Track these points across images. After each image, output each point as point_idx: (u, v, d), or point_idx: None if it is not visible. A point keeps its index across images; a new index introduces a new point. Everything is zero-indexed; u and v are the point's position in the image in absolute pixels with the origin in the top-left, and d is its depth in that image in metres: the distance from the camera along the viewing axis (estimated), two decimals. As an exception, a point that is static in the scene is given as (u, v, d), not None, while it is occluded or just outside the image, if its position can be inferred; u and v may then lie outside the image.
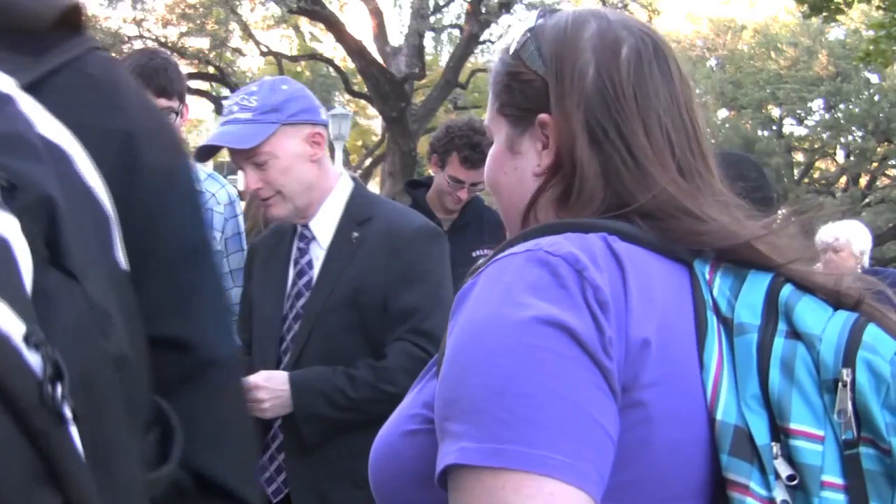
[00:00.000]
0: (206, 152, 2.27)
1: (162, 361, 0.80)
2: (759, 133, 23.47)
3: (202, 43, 17.45)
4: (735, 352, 0.83)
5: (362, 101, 21.16)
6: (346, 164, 18.46)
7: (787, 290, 0.85)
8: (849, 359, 0.79)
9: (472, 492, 0.75)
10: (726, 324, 0.84)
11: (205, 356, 0.85)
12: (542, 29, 0.99)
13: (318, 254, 2.23)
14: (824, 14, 11.41)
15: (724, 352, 0.83)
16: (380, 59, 14.83)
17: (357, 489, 1.91)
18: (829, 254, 4.40)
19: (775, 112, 23.90)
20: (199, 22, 16.56)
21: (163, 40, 16.69)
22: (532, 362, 0.76)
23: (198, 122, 26.29)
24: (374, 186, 21.30)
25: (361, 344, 2.11)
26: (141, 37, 16.59)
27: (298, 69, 21.64)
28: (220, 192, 2.91)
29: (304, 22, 18.43)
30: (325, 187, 2.23)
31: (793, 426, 0.78)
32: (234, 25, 16.99)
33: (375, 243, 2.16)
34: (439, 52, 21.46)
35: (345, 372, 2.07)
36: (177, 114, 2.71)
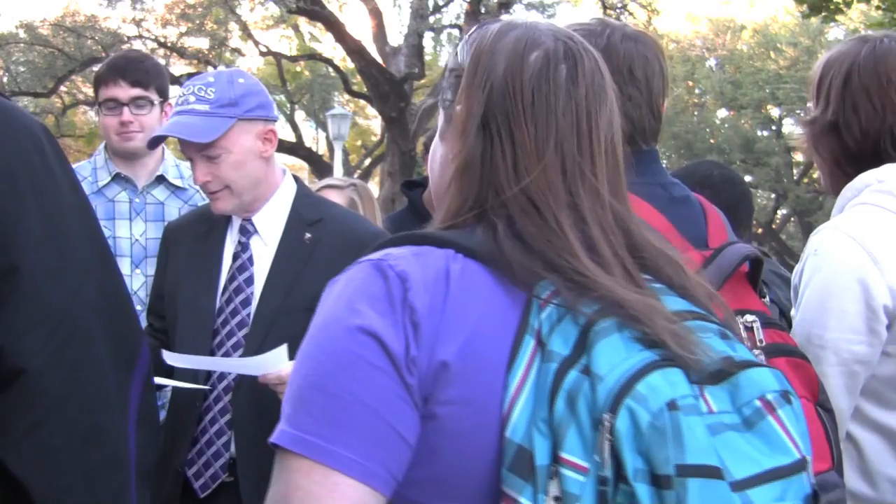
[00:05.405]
0: (158, 141, 2.32)
1: None
2: (759, 133, 23.44)
3: (201, 43, 17.47)
4: (540, 377, 0.90)
5: (362, 101, 21.17)
6: (346, 164, 18.43)
7: (602, 324, 0.90)
8: (615, 405, 0.85)
9: (280, 467, 0.92)
10: (543, 349, 0.91)
11: (12, 364, 1.00)
12: (478, 34, 1.08)
13: (260, 250, 2.24)
14: (823, 14, 11.40)
15: (530, 375, 0.90)
16: (379, 59, 14.85)
17: None
18: None
19: (775, 112, 23.89)
20: (198, 22, 16.56)
21: (162, 40, 16.72)
22: (347, 367, 0.91)
23: (197, 122, 26.20)
24: (373, 186, 21.27)
25: None
26: (140, 37, 16.61)
27: (298, 69, 21.64)
28: None
29: (303, 22, 18.45)
30: (271, 183, 2.25)
31: (563, 455, 0.86)
32: (233, 25, 17.01)
33: (334, 245, 2.17)
34: (438, 52, 21.47)
35: None
36: (151, 103, 2.76)
